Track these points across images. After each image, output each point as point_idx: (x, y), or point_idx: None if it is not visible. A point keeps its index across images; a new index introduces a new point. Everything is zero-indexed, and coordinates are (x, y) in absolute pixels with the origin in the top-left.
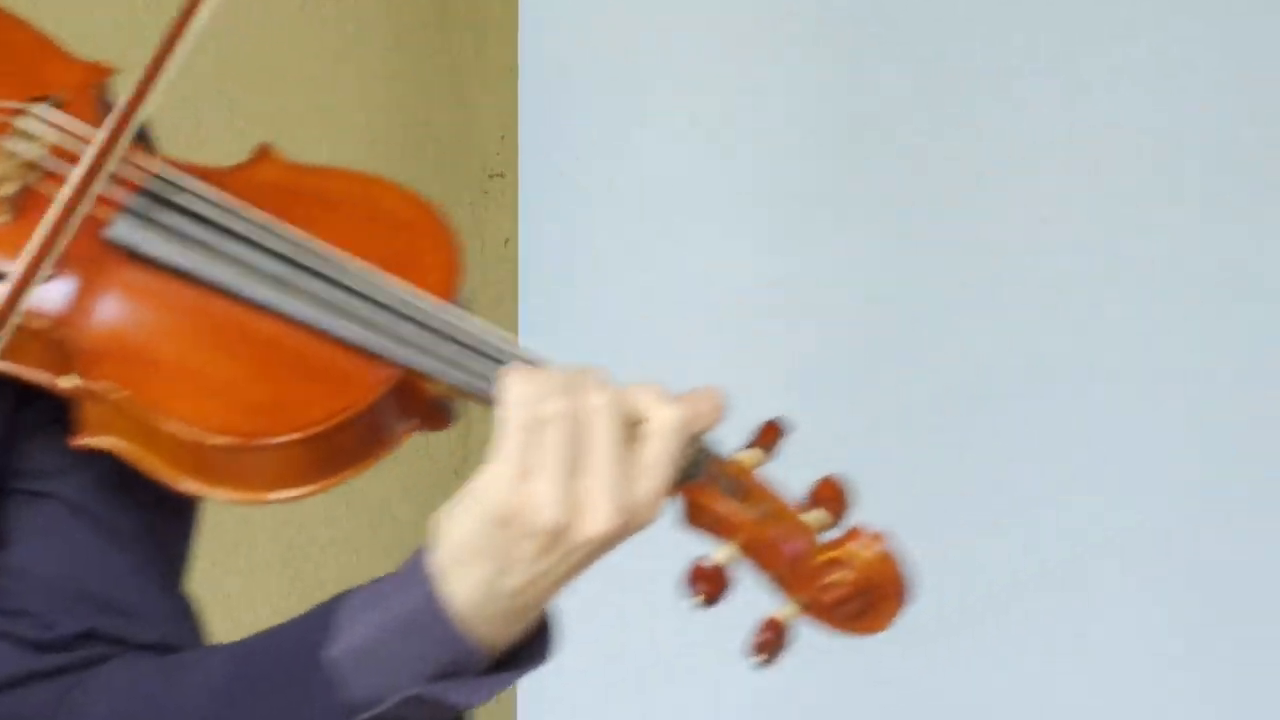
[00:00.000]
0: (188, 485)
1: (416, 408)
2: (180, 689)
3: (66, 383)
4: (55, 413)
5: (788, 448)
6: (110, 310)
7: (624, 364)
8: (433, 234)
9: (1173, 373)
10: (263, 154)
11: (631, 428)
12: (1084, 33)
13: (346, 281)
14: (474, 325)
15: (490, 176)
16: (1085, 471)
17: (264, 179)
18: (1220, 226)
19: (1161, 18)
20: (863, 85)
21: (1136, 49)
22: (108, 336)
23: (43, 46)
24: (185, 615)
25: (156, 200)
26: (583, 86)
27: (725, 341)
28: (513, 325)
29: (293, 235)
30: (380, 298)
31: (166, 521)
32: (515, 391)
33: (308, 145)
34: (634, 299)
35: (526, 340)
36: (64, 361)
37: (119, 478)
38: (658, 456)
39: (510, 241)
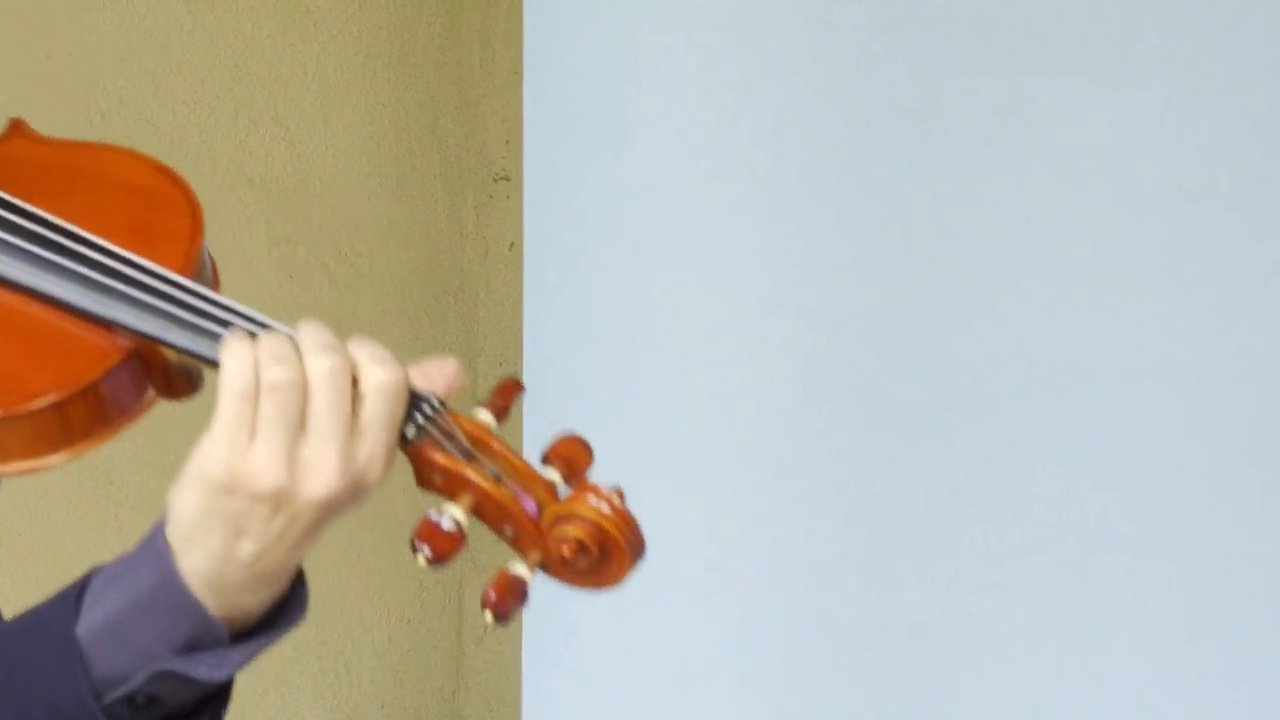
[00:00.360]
0: None
1: (155, 376)
2: None
3: None
4: None
5: (797, 449)
6: None
7: (629, 365)
8: (173, 203)
9: (1181, 372)
10: (13, 129)
11: (351, 389)
12: (1093, 30)
13: (77, 249)
14: (207, 292)
15: (496, 180)
16: (1093, 469)
17: (8, 154)
18: (1225, 228)
19: (1169, 18)
20: (865, 86)
21: (1146, 46)
22: None
23: None
24: None
25: None
26: (588, 90)
27: (729, 343)
28: (517, 327)
29: (23, 205)
30: (110, 265)
31: None
32: (231, 358)
33: (313, 148)
34: (639, 301)
35: (531, 345)
36: None
37: None
38: (376, 418)
39: (515, 245)
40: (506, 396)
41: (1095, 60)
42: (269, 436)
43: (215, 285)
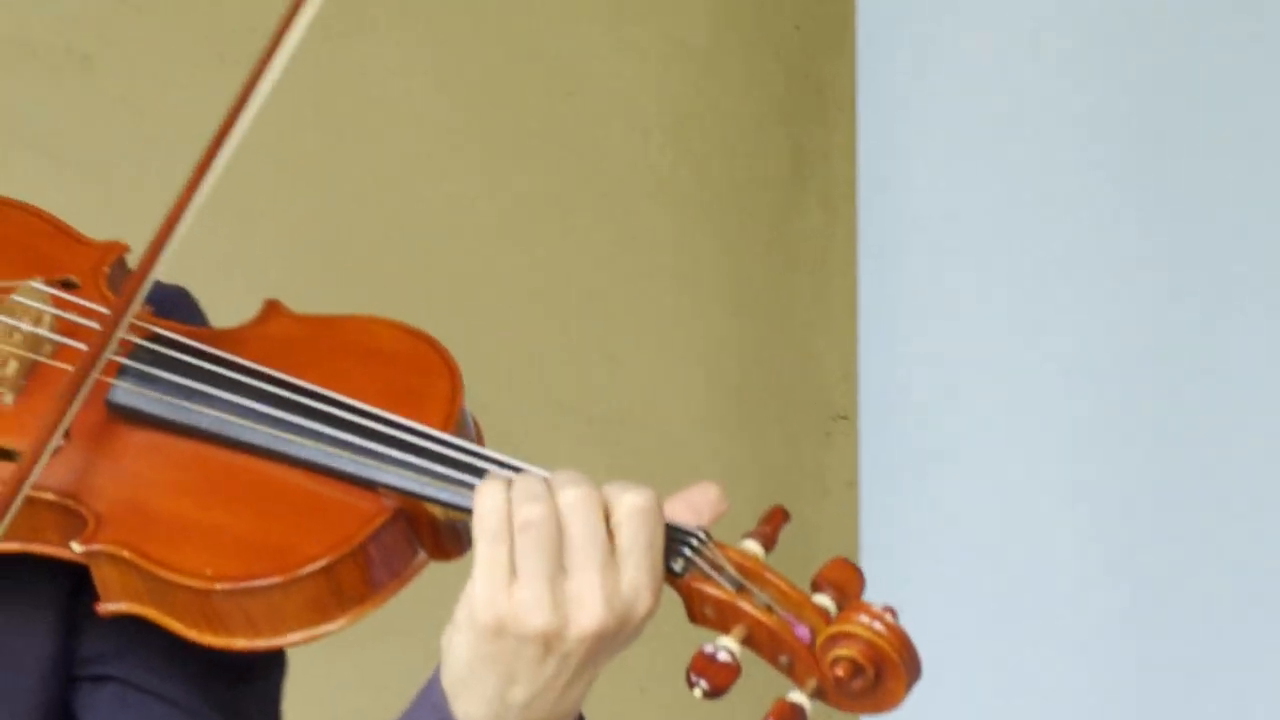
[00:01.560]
0: (206, 638)
1: (424, 535)
2: None
3: (74, 550)
4: None
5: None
6: (109, 472)
7: (970, 611)
8: (431, 366)
9: None
10: (269, 310)
11: (605, 519)
12: None
13: (334, 413)
14: (467, 444)
15: (833, 419)
16: None
17: (268, 333)
18: None
19: None
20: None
21: None
22: (108, 498)
23: (57, 232)
24: None
25: (149, 358)
26: (923, 326)
27: (1058, 577)
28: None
29: (284, 377)
30: (368, 425)
31: (231, 686)
32: (483, 500)
33: (645, 383)
34: (976, 540)
35: (870, 583)
36: (69, 530)
37: (172, 651)
38: (635, 542)
39: (852, 484)
40: (774, 525)
41: None
42: (529, 575)
43: (481, 440)
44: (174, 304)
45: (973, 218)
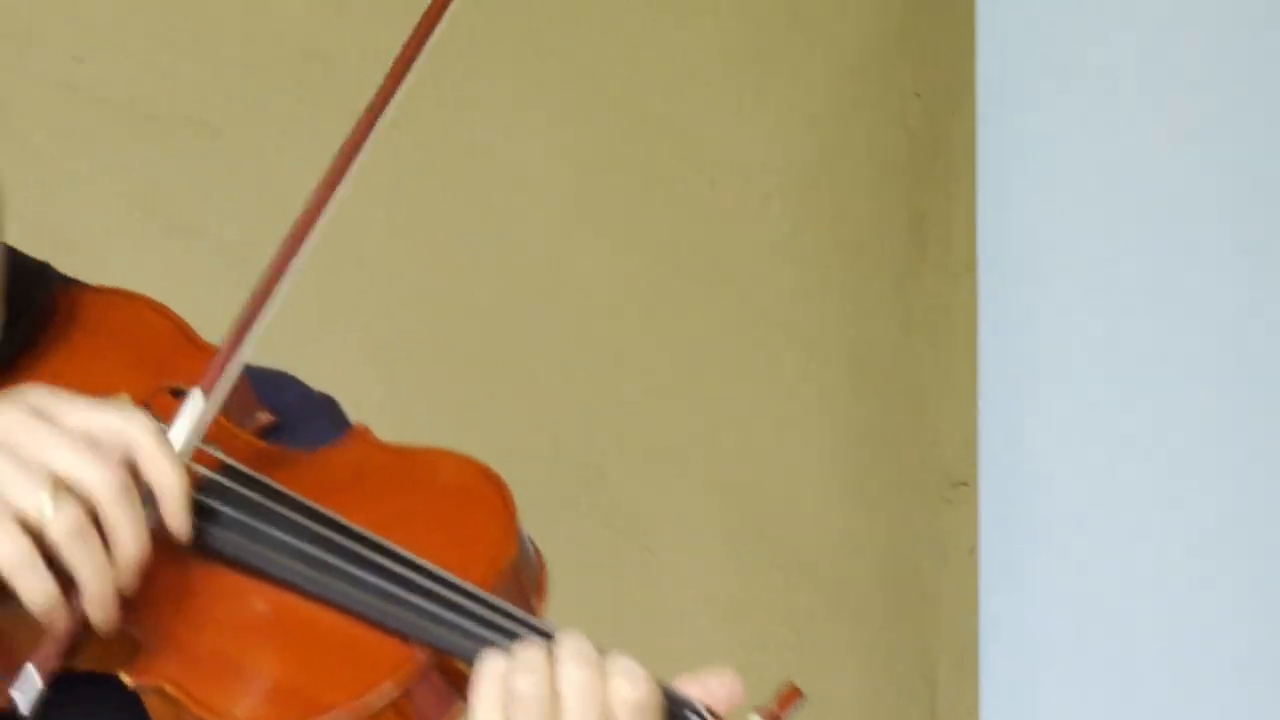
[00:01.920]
0: None
1: (460, 684)
2: None
3: (124, 680)
4: None
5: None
6: (165, 601)
7: (1094, 679)
8: (491, 509)
9: None
10: (353, 436)
11: (603, 702)
12: None
13: (380, 562)
14: (500, 603)
15: (953, 486)
16: None
17: (344, 461)
18: None
19: None
20: None
21: None
22: (161, 630)
23: (179, 335)
24: None
25: (213, 490)
26: (1043, 392)
27: (1185, 643)
28: (973, 633)
29: (333, 517)
30: (408, 576)
31: None
32: (483, 667)
33: (769, 450)
34: (1098, 609)
35: (987, 649)
36: (127, 654)
37: None
38: None
39: (973, 551)
40: (784, 705)
41: None
42: None
43: (540, 578)
44: (304, 415)
45: (1094, 283)
